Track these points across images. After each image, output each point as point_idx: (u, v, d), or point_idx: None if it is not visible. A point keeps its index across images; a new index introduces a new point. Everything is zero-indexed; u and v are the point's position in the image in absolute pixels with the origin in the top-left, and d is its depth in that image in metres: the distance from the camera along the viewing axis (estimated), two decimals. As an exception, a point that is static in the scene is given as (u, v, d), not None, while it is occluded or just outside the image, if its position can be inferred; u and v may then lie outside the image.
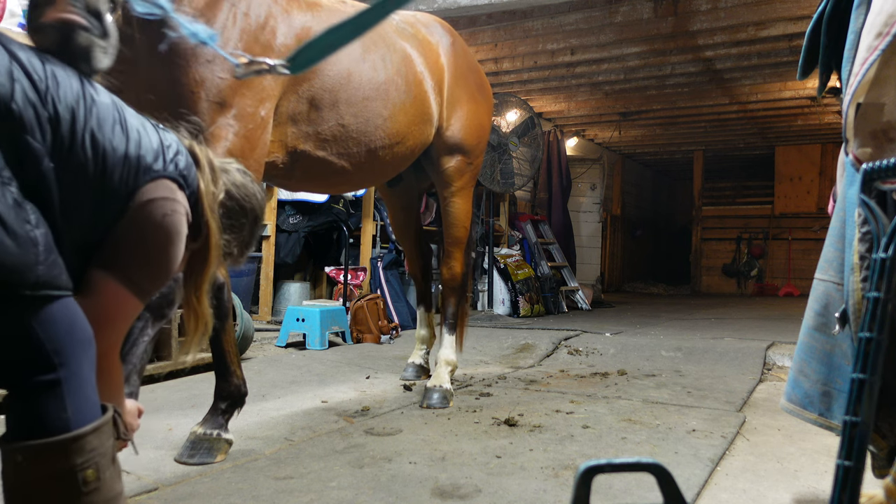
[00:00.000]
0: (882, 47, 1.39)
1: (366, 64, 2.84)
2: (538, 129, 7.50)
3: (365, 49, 2.85)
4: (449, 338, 3.43)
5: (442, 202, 3.50)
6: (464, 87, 3.41)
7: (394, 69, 2.96)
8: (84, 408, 1.10)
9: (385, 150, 2.98)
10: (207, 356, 3.81)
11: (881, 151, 1.42)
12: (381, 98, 2.89)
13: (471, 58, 3.65)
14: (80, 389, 1.10)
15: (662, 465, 0.88)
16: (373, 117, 2.85)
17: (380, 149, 2.94)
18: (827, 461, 2.40)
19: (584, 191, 11.19)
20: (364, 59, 2.84)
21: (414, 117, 3.07)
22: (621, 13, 6.07)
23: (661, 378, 3.95)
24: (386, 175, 3.27)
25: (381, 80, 2.88)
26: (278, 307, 5.69)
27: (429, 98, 3.16)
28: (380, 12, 1.82)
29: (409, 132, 3.06)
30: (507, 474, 2.17)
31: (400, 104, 2.98)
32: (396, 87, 2.97)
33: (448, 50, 3.38)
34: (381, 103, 2.89)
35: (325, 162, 2.76)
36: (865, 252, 1.43)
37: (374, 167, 3.04)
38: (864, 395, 0.99)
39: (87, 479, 1.09)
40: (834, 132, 10.44)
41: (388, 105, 2.92)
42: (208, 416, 2.36)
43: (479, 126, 3.49)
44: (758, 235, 12.75)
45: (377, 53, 2.91)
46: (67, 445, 1.06)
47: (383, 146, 2.95)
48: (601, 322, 6.71)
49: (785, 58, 6.78)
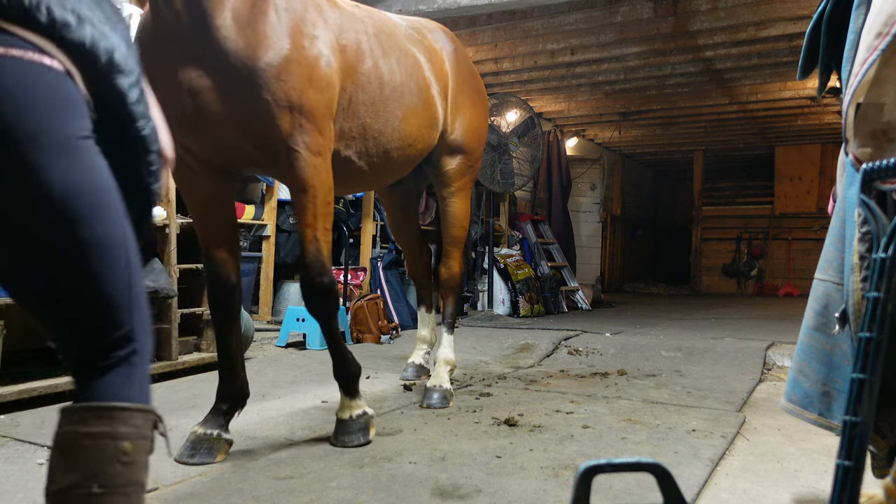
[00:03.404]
0: (882, 47, 1.39)
1: (386, 66, 2.89)
2: (538, 129, 7.50)
3: (384, 52, 2.91)
4: (448, 337, 3.44)
5: (441, 202, 3.53)
6: (465, 92, 3.47)
7: (407, 73, 3.02)
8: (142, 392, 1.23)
9: (398, 151, 3.02)
10: (208, 356, 3.81)
11: (881, 151, 1.42)
12: (398, 100, 2.94)
13: (470, 64, 3.71)
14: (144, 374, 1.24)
15: (662, 465, 0.88)
16: (391, 119, 2.91)
17: (393, 150, 2.99)
18: (827, 461, 2.40)
19: (584, 191, 11.19)
20: (385, 62, 2.90)
21: (423, 121, 3.13)
22: (621, 13, 6.07)
23: (661, 378, 3.95)
24: (394, 177, 3.32)
25: (397, 83, 2.94)
26: (278, 307, 5.69)
27: (436, 103, 3.22)
28: None
29: (419, 135, 3.11)
30: (507, 474, 2.17)
31: (412, 108, 3.04)
32: (410, 91, 3.02)
33: (451, 56, 3.45)
34: (397, 105, 2.94)
35: (347, 161, 2.79)
36: (865, 252, 1.43)
37: (386, 169, 3.09)
38: (864, 395, 1.00)
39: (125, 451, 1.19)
40: (834, 132, 10.44)
41: (403, 108, 2.97)
42: (209, 417, 2.37)
43: (479, 129, 3.55)
44: (758, 235, 12.74)
45: (394, 57, 2.97)
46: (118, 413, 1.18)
47: (396, 148, 3.00)
48: (601, 322, 6.71)
49: (785, 58, 6.78)
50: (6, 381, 2.91)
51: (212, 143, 2.38)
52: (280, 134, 2.33)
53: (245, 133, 2.33)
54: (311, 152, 2.39)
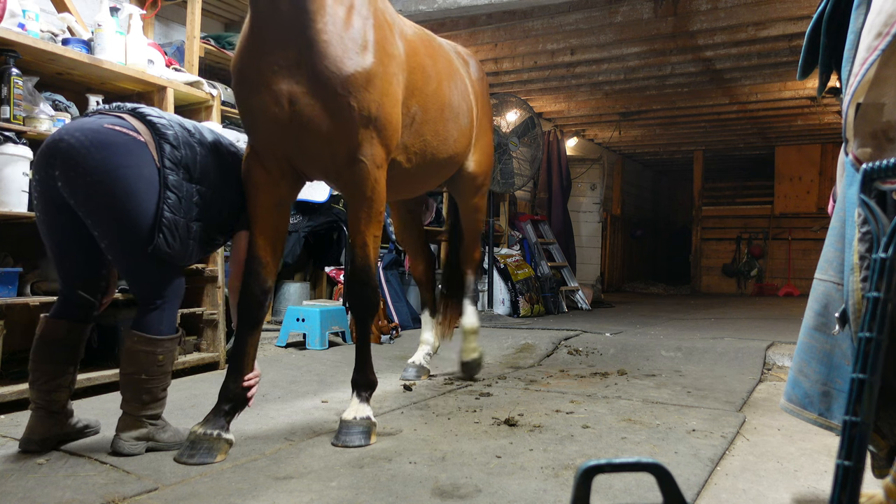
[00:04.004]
0: (882, 47, 1.39)
1: (448, 88, 3.16)
2: (538, 129, 7.49)
3: (448, 75, 3.18)
4: (471, 307, 3.91)
5: (463, 209, 3.90)
6: (486, 116, 3.81)
7: (461, 96, 3.31)
8: (169, 326, 2.32)
9: (445, 167, 3.34)
10: (208, 356, 3.82)
11: (881, 151, 1.42)
12: (454, 121, 3.22)
13: (488, 89, 4.03)
14: (171, 317, 2.32)
15: (662, 464, 0.88)
16: (447, 138, 3.18)
17: (442, 166, 3.29)
18: (827, 461, 2.40)
19: (584, 191, 11.18)
20: (449, 84, 3.18)
21: (467, 140, 3.46)
22: (621, 13, 6.07)
23: (661, 378, 3.95)
24: (432, 188, 3.70)
25: (454, 106, 3.22)
26: (278, 307, 5.69)
27: (473, 124, 3.53)
28: None
29: (461, 153, 3.42)
30: (507, 474, 2.17)
31: (462, 129, 3.34)
32: (462, 113, 3.32)
33: (478, 81, 3.76)
34: (453, 125, 3.22)
35: (407, 173, 3.01)
36: (865, 252, 1.43)
37: (432, 182, 3.47)
38: (864, 395, 1.00)
39: (160, 360, 2.29)
40: (834, 132, 10.44)
41: (457, 129, 3.26)
42: (210, 417, 2.37)
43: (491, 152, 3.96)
44: (758, 235, 12.74)
45: (455, 80, 3.28)
46: (156, 341, 2.28)
47: (444, 164, 3.28)
48: (601, 322, 6.71)
49: (785, 58, 6.78)
50: (6, 381, 2.91)
51: (298, 147, 2.50)
52: (354, 142, 2.46)
53: (328, 139, 2.45)
54: (374, 164, 2.53)
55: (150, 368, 2.26)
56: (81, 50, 3.33)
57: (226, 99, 4.37)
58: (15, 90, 3.03)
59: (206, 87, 3.99)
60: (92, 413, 2.67)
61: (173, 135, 2.30)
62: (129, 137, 2.21)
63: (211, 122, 4.12)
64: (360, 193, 2.54)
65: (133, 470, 2.14)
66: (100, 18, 3.44)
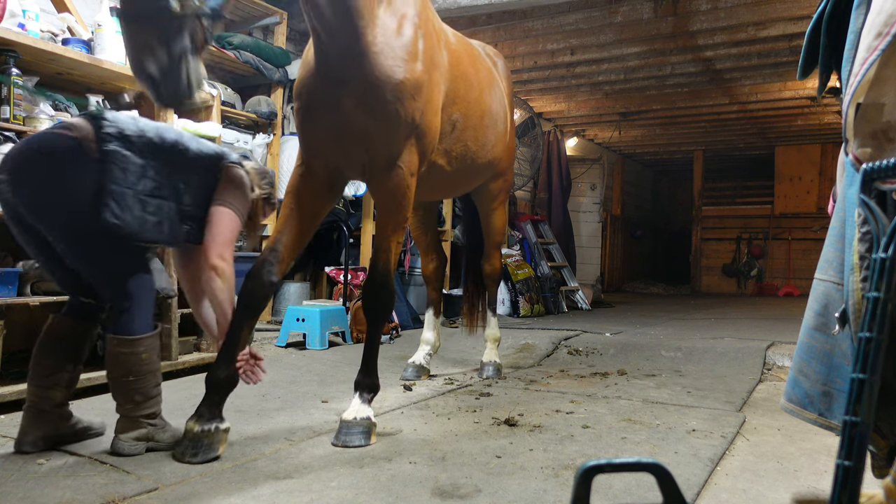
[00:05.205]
0: (882, 47, 1.39)
1: (489, 96, 3.26)
2: (538, 129, 7.50)
3: (488, 83, 3.28)
4: (493, 319, 4.09)
5: (483, 215, 3.99)
6: (512, 120, 3.89)
7: (498, 102, 3.42)
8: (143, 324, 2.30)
9: (481, 171, 3.44)
10: (208, 356, 3.81)
11: (881, 151, 1.42)
12: (493, 128, 3.32)
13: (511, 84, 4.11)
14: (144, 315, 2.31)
15: (662, 464, 0.88)
16: (486, 143, 3.28)
17: (479, 170, 3.40)
18: (827, 461, 2.40)
19: (584, 191, 11.18)
20: (489, 92, 3.28)
21: (503, 145, 3.58)
22: (621, 13, 6.07)
23: (661, 378, 3.95)
24: (468, 191, 3.78)
25: (494, 112, 3.32)
26: (278, 307, 5.68)
27: (507, 129, 3.64)
28: None
29: (496, 158, 3.53)
30: (507, 474, 2.17)
31: (499, 134, 3.44)
32: (500, 119, 3.43)
33: (505, 79, 3.84)
34: (492, 132, 3.32)
35: (446, 175, 3.09)
36: (865, 252, 1.43)
37: (468, 185, 3.57)
38: (864, 395, 1.00)
39: (143, 358, 2.29)
40: (834, 132, 10.43)
41: (495, 134, 3.37)
42: (203, 410, 2.34)
43: (514, 153, 4.01)
44: (758, 235, 12.74)
45: (494, 88, 3.37)
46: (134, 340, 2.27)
47: (481, 167, 3.39)
48: (601, 322, 6.71)
49: (785, 58, 6.78)
50: (6, 381, 2.91)
51: (348, 154, 2.58)
52: (394, 148, 2.53)
53: (373, 143, 2.52)
54: (409, 172, 2.60)
55: (135, 368, 2.27)
56: (81, 50, 3.33)
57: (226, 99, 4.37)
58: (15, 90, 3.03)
59: (206, 87, 3.99)
60: (94, 413, 2.67)
61: (111, 115, 2.33)
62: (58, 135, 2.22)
63: (211, 122, 4.12)
64: (392, 200, 2.61)
65: (133, 470, 2.14)
66: (100, 18, 3.44)
